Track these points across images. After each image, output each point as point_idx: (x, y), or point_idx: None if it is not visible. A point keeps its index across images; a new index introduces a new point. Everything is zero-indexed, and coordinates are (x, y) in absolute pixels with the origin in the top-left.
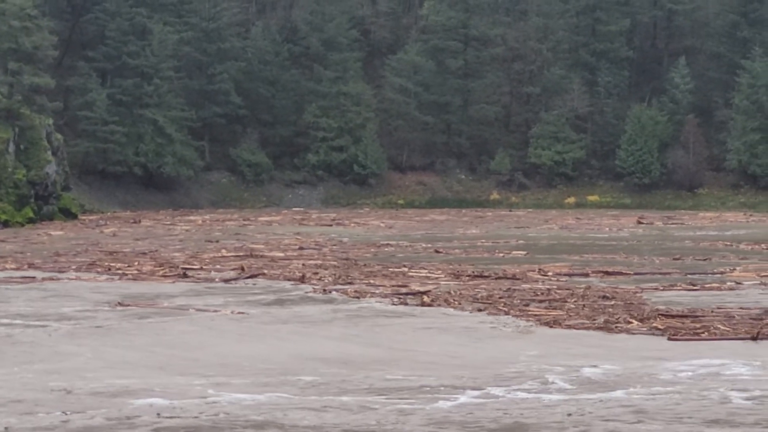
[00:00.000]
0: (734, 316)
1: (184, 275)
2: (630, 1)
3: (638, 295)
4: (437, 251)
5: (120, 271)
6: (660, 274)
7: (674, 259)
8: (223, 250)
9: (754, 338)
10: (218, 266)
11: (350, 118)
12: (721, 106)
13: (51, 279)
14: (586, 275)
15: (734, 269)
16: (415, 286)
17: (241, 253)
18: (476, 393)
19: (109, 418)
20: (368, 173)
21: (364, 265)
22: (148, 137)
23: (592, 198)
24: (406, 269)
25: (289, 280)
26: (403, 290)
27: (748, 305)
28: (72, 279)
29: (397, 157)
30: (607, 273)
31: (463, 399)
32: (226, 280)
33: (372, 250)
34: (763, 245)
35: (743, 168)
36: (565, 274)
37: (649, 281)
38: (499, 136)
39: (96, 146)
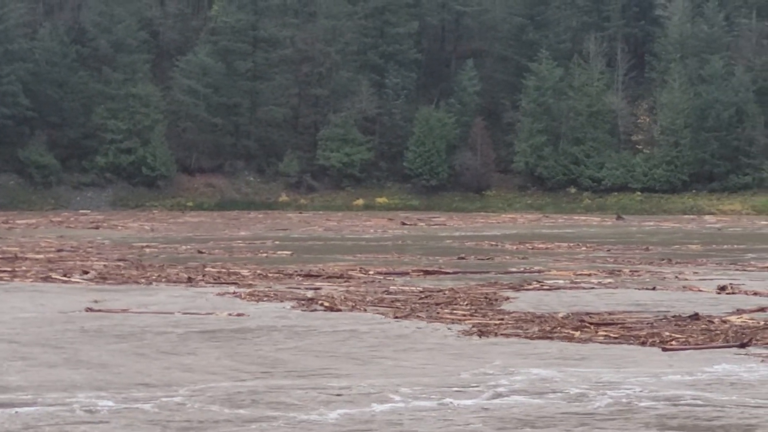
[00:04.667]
0: (651, 322)
1: (46, 278)
2: (419, 4)
3: (504, 296)
4: (200, 252)
5: None
6: (479, 273)
7: (459, 258)
8: None
9: (742, 345)
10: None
11: (139, 119)
12: (508, 108)
13: None
14: (407, 274)
15: (545, 268)
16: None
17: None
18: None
19: None
20: (157, 175)
21: (161, 266)
22: None
23: (380, 200)
24: (218, 269)
25: (174, 282)
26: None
27: (635, 308)
28: None
29: (186, 159)
30: (427, 272)
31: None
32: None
33: (132, 251)
34: (527, 245)
35: (530, 170)
36: (385, 273)
37: (474, 280)
38: (287, 138)
39: None
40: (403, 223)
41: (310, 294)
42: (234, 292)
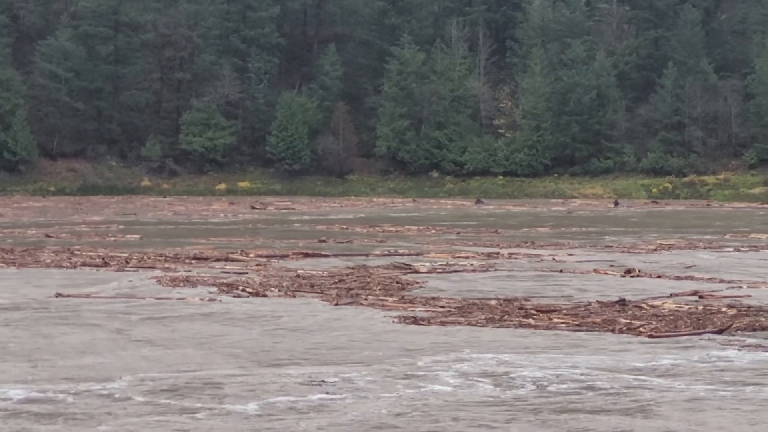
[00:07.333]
0: (588, 309)
1: None
2: None
3: (413, 280)
4: (48, 236)
5: None
6: (357, 255)
7: (320, 241)
8: None
9: (719, 332)
10: None
11: None
12: (370, 92)
13: None
14: (287, 256)
15: (423, 251)
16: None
17: None
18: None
19: None
20: (18, 160)
21: (26, 250)
22: None
23: (243, 184)
24: (94, 253)
25: (89, 266)
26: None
27: (554, 293)
28: None
29: (48, 144)
30: (307, 255)
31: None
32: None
33: None
34: (377, 228)
35: (392, 154)
36: (266, 256)
37: (355, 262)
38: (150, 123)
39: None
40: (253, 207)
41: (229, 279)
42: (157, 278)
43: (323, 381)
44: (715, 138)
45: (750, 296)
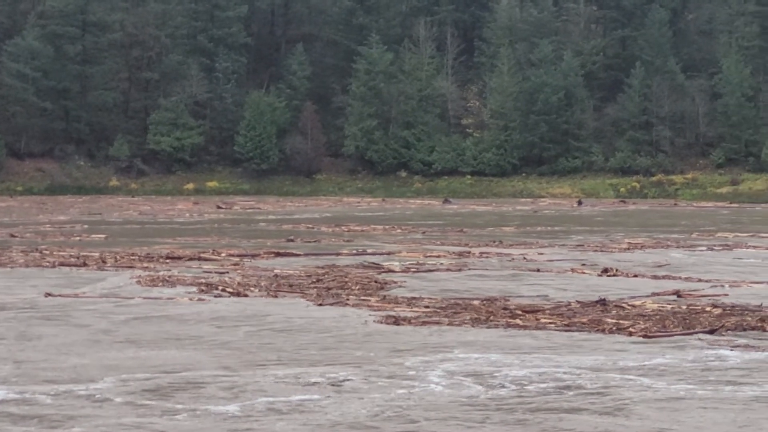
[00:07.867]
0: (570, 309)
1: None
2: None
3: (391, 280)
4: (12, 236)
5: None
6: (329, 254)
7: (288, 240)
8: None
9: (711, 332)
10: None
11: None
12: (338, 92)
13: None
14: (259, 255)
15: (395, 250)
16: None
17: None
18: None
19: None
20: None
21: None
22: None
23: (211, 184)
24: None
25: (67, 265)
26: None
27: (532, 292)
28: None
29: (16, 144)
30: (278, 254)
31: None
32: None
33: None
34: (344, 228)
35: (361, 153)
36: (238, 255)
37: (328, 261)
38: (117, 123)
39: None
40: (219, 207)
41: (208, 279)
42: (138, 277)
43: (349, 379)
44: (682, 137)
45: (727, 295)
